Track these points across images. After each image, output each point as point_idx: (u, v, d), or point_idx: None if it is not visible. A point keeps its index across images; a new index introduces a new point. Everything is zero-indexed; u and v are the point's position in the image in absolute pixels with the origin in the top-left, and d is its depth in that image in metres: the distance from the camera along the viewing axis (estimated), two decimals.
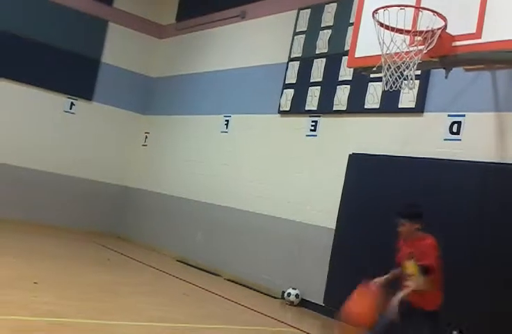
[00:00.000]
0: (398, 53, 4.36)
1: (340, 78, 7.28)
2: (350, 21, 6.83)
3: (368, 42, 4.78)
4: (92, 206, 10.78)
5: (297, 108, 7.89)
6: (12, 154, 9.92)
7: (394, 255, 4.52)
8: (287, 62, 8.22)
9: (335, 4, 7.63)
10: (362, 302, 3.88)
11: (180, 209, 9.62)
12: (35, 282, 5.62)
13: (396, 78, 4.42)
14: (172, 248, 9.48)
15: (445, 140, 5.94)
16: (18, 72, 9.96)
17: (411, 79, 4.47)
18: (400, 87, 4.49)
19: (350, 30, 6.06)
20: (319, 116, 7.54)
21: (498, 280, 5.07)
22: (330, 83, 7.43)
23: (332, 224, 6.77)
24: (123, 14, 11.16)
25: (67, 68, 10.46)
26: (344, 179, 6.76)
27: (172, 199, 9.88)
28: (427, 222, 5.63)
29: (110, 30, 11.03)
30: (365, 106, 6.86)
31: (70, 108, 10.64)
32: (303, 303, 7.00)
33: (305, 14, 8.11)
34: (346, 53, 6.13)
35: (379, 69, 4.58)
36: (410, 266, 3.92)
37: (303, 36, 8.06)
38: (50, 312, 4.69)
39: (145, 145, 11.24)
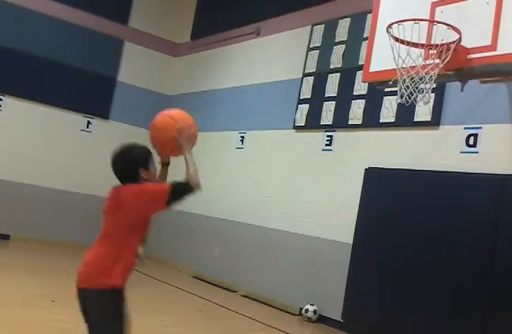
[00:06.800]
0: (413, 67, 4.36)
1: (355, 93, 7.29)
2: (364, 36, 6.87)
3: (382, 56, 4.79)
4: None
5: (312, 123, 7.90)
6: (30, 174, 10.00)
7: (413, 270, 4.42)
8: (302, 78, 8.26)
9: (349, 19, 7.68)
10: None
11: (197, 225, 9.62)
12: (52, 301, 5.63)
13: (411, 92, 4.42)
14: (189, 264, 9.46)
15: (462, 152, 5.91)
16: (35, 91, 10.08)
17: (426, 93, 4.47)
18: (415, 101, 4.49)
19: (365, 44, 6.09)
20: (334, 131, 7.55)
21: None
22: (344, 98, 7.44)
23: (349, 239, 6.72)
24: (138, 33, 11.30)
25: (84, 87, 10.58)
26: (360, 193, 6.73)
27: (189, 215, 9.88)
28: (444, 236, 5.62)
29: (126, 49, 11.17)
30: (380, 120, 6.86)
31: (87, 127, 10.76)
32: (321, 319, 6.93)
33: (319, 29, 8.16)
34: (360, 68, 6.17)
35: (394, 84, 4.58)
36: None
37: (317, 51, 8.10)
38: (64, 330, 4.69)
39: None
